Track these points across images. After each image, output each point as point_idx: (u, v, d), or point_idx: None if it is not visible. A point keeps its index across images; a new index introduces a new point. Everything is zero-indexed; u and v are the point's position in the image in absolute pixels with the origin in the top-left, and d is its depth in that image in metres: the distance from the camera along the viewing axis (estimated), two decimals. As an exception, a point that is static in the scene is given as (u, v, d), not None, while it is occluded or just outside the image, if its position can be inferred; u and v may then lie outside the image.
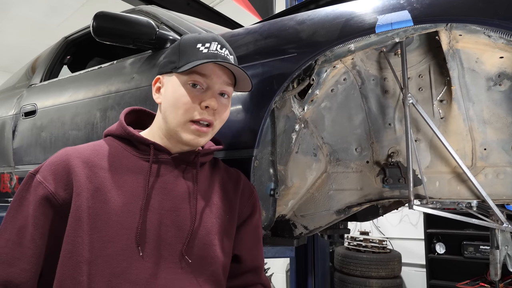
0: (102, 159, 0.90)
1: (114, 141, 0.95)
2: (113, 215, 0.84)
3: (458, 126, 1.22)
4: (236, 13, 3.73)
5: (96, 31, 1.38)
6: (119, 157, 0.92)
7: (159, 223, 0.88)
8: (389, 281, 4.04)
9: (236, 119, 1.18)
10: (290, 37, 1.19)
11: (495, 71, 1.13)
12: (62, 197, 0.84)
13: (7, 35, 6.77)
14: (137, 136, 0.93)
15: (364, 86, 1.32)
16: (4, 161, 2.20)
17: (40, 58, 2.58)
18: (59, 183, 0.85)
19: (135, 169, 0.91)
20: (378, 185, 1.37)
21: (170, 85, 0.93)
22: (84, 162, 0.88)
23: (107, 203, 0.85)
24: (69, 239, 0.82)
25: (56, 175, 0.85)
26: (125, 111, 1.01)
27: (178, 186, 0.93)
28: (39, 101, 2.07)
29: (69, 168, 0.86)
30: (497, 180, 1.21)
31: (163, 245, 0.87)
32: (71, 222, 0.83)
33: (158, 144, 0.93)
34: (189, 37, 0.95)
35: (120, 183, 0.88)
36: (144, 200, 0.87)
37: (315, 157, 1.40)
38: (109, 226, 0.83)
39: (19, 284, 0.81)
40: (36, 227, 0.83)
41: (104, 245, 0.82)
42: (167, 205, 0.90)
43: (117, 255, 0.82)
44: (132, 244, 0.84)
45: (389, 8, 1.03)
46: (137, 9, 1.93)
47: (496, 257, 1.32)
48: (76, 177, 0.85)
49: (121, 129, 0.95)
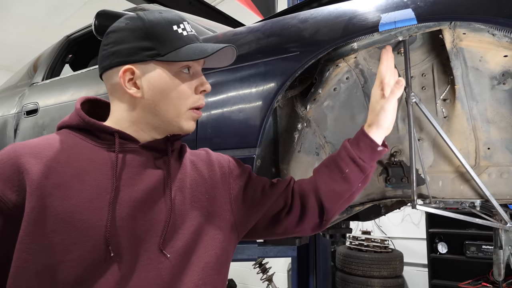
0: (58, 152, 0.78)
1: (71, 133, 0.83)
2: (76, 214, 0.73)
3: (461, 125, 1.22)
4: (238, 12, 3.73)
5: (98, 29, 1.38)
6: (78, 149, 0.80)
7: (130, 217, 0.78)
8: (391, 280, 4.04)
9: (238, 118, 1.18)
10: (292, 35, 1.18)
11: (499, 70, 1.12)
12: (11, 200, 0.72)
13: (9, 34, 6.78)
14: (99, 125, 0.82)
15: (367, 85, 1.32)
16: (6, 160, 2.21)
17: (42, 56, 2.59)
18: (7, 184, 0.72)
19: (99, 160, 0.80)
20: (381, 184, 1.37)
21: (156, 75, 0.83)
22: (36, 157, 0.75)
23: (68, 200, 0.73)
24: (23, 247, 0.70)
25: (3, 175, 0.73)
26: (80, 100, 0.89)
27: (149, 176, 0.83)
28: (41, 99, 2.08)
29: (19, 166, 0.73)
30: (501, 180, 1.21)
31: (136, 241, 0.78)
32: (24, 227, 0.71)
33: (123, 132, 0.83)
34: (155, 17, 0.84)
35: (83, 177, 0.76)
36: (112, 194, 0.76)
37: (318, 156, 1.40)
38: (72, 227, 0.72)
39: None
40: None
41: (67, 249, 0.71)
42: (138, 197, 0.80)
43: (83, 259, 0.72)
44: (100, 244, 0.73)
45: (393, 6, 1.03)
46: (139, 8, 1.93)
47: (499, 257, 1.32)
48: (28, 175, 0.73)
49: (78, 119, 0.82)
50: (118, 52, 0.83)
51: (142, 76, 0.83)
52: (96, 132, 0.82)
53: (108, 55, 0.84)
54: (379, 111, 1.00)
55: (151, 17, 0.84)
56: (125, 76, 0.83)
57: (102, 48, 0.86)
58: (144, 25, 0.83)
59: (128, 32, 0.83)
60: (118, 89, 0.85)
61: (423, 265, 4.42)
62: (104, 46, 0.86)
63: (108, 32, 0.86)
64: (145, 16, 0.84)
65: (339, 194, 1.01)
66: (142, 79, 0.83)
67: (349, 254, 4.20)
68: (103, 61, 0.86)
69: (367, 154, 1.00)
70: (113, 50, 0.83)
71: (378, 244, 4.21)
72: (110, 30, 0.86)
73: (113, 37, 0.84)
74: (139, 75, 0.83)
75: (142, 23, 0.83)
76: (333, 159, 1.04)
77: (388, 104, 0.99)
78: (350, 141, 1.04)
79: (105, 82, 0.88)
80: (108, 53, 0.84)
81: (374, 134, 1.00)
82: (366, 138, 1.00)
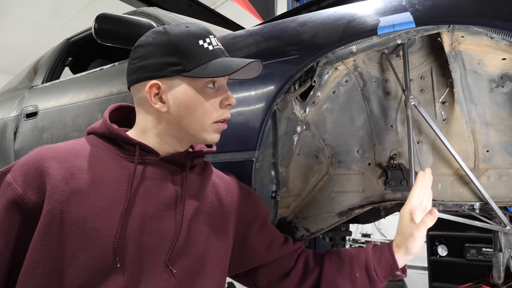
0: (81, 159, 0.80)
1: (97, 140, 0.86)
2: (89, 221, 0.75)
3: (460, 128, 1.22)
4: (238, 15, 3.74)
5: (98, 33, 1.38)
6: (101, 158, 0.82)
7: (140, 230, 0.79)
8: (391, 283, 4.04)
9: (238, 121, 1.18)
10: (291, 39, 1.18)
11: (498, 73, 1.12)
12: (32, 201, 0.75)
13: (9, 37, 6.80)
14: (122, 135, 0.84)
15: (366, 88, 1.32)
16: (6, 163, 2.21)
17: (42, 59, 2.60)
18: (29, 186, 0.75)
19: (118, 170, 0.82)
20: (380, 187, 1.37)
21: (181, 91, 0.84)
22: (60, 162, 0.78)
23: (83, 207, 0.75)
24: (35, 247, 0.73)
25: (26, 177, 0.76)
26: (110, 108, 0.92)
27: (165, 191, 0.85)
28: (40, 102, 2.08)
29: (42, 169, 0.76)
30: (500, 182, 1.21)
31: (143, 254, 0.79)
32: (39, 229, 0.73)
33: (144, 144, 0.85)
34: (182, 32, 0.85)
35: (100, 186, 0.79)
36: (125, 205, 0.78)
37: (317, 159, 1.40)
38: (83, 233, 0.74)
39: None
40: (1, 233, 0.74)
41: (75, 254, 0.73)
42: (150, 211, 0.81)
43: (89, 266, 0.74)
44: (108, 254, 0.75)
45: (391, 9, 1.03)
46: (138, 11, 1.94)
47: (499, 259, 1.32)
48: (49, 179, 0.75)
49: (104, 127, 0.86)
50: (145, 67, 0.84)
51: (167, 91, 0.84)
52: (120, 142, 0.85)
53: (136, 70, 0.86)
54: (409, 237, 0.96)
55: (177, 31, 0.85)
56: (151, 91, 0.84)
57: (130, 62, 0.88)
58: (170, 40, 0.83)
59: (154, 47, 0.84)
60: (145, 102, 0.86)
61: (423, 267, 4.41)
62: (132, 60, 0.87)
63: (135, 46, 0.88)
64: (172, 31, 0.85)
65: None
66: (168, 94, 0.84)
67: (349, 257, 4.20)
68: (131, 75, 0.88)
69: (383, 271, 0.98)
70: (140, 64, 0.85)
71: (378, 247, 4.21)
72: (138, 45, 0.87)
73: (140, 51, 0.86)
74: (165, 90, 0.84)
75: (168, 38, 0.84)
76: (351, 256, 1.02)
77: (419, 232, 0.95)
78: (374, 249, 1.02)
79: (132, 94, 0.90)
80: (136, 68, 0.86)
81: (400, 257, 0.98)
82: (390, 257, 0.98)
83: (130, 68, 0.88)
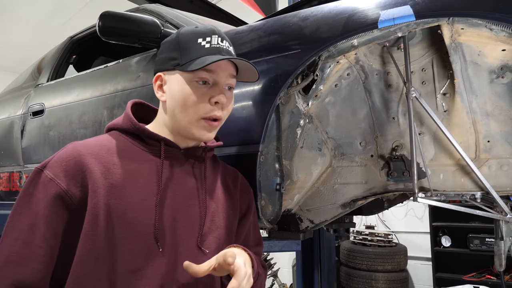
0: (112, 154, 0.87)
1: (121, 136, 0.93)
2: (129, 212, 0.83)
3: (461, 119, 1.23)
4: (239, 10, 3.74)
5: (102, 30, 1.40)
6: (129, 152, 0.90)
7: (172, 218, 0.88)
8: (395, 274, 4.06)
9: (242, 116, 1.20)
10: (293, 33, 1.20)
11: (498, 64, 1.14)
12: (75, 195, 0.81)
13: (11, 35, 6.81)
14: (148, 132, 0.92)
15: (368, 80, 1.34)
16: (14, 160, 2.24)
17: (46, 58, 2.61)
18: (72, 181, 0.81)
19: (146, 164, 0.90)
20: (383, 178, 1.39)
21: (175, 83, 0.91)
22: (96, 158, 0.85)
23: (123, 199, 0.83)
24: (87, 237, 0.80)
25: (67, 172, 0.82)
26: (130, 104, 0.99)
27: (188, 182, 0.94)
28: (46, 100, 2.10)
29: (82, 164, 0.82)
30: (501, 172, 1.23)
31: (177, 240, 0.88)
32: (88, 220, 0.80)
33: (168, 139, 0.93)
34: (187, 31, 0.92)
35: (134, 179, 0.86)
36: (158, 196, 0.87)
37: (320, 151, 1.42)
38: (125, 223, 0.82)
39: (31, 284, 0.77)
40: (48, 226, 0.79)
41: (121, 242, 0.81)
42: (179, 201, 0.90)
43: (134, 251, 0.82)
44: (150, 240, 0.83)
45: (392, 3, 1.05)
46: (141, 7, 1.95)
47: (500, 248, 1.34)
48: (90, 174, 0.82)
49: (129, 123, 0.93)
50: (157, 61, 0.96)
51: (167, 82, 0.94)
52: (144, 137, 0.93)
53: (154, 64, 0.97)
54: None
55: (185, 31, 0.93)
56: (156, 82, 0.95)
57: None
58: (177, 37, 0.93)
59: (167, 44, 0.95)
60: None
61: (427, 258, 4.43)
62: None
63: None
64: (181, 30, 0.94)
65: None
66: (167, 86, 0.93)
67: (353, 249, 4.22)
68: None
69: None
70: (156, 59, 0.97)
71: (382, 239, 4.22)
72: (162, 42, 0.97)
73: (160, 49, 0.97)
74: (165, 81, 0.94)
75: (176, 36, 0.93)
76: None
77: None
78: None
79: None
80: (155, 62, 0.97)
81: None
82: None
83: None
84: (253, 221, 1.12)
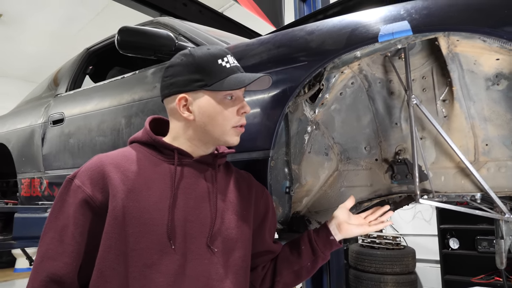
0: (131, 163, 1.00)
1: (140, 147, 1.05)
2: (145, 213, 0.94)
3: (460, 124, 1.29)
4: (246, 17, 3.82)
5: (121, 44, 1.49)
6: (146, 161, 1.01)
7: (184, 219, 0.98)
8: (403, 277, 4.09)
9: (253, 123, 1.28)
10: (300, 46, 1.28)
11: (493, 72, 1.20)
12: (99, 200, 0.94)
13: (25, 45, 6.99)
14: (163, 142, 1.04)
15: (371, 88, 1.40)
16: (35, 167, 2.34)
17: (63, 69, 2.73)
18: (96, 187, 0.94)
19: (161, 171, 1.01)
20: (387, 181, 1.44)
21: (205, 102, 1.01)
22: (116, 167, 0.97)
23: (139, 202, 0.94)
24: (108, 235, 0.92)
25: (92, 180, 0.95)
26: (149, 119, 1.11)
27: (200, 186, 1.03)
28: (66, 109, 2.21)
29: (104, 173, 0.95)
30: (499, 174, 1.28)
31: (189, 239, 0.97)
32: (109, 221, 0.92)
33: (181, 149, 1.04)
34: (203, 53, 1.03)
35: (149, 185, 0.97)
36: (171, 199, 0.97)
37: (327, 156, 1.49)
38: (142, 223, 0.93)
39: (62, 276, 0.91)
40: (76, 226, 0.93)
41: (138, 240, 0.92)
42: (191, 204, 1.00)
43: (149, 248, 0.92)
44: (163, 238, 0.93)
45: (391, 18, 1.12)
46: (155, 21, 2.05)
47: (501, 246, 1.39)
48: (111, 181, 0.94)
49: (147, 136, 1.05)
50: (175, 84, 1.03)
51: (193, 102, 1.02)
52: (160, 148, 1.04)
53: (167, 86, 1.05)
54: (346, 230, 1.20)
55: (200, 53, 1.03)
56: (180, 103, 1.03)
57: (163, 79, 1.07)
58: (195, 60, 1.02)
59: (182, 67, 1.03)
60: (175, 112, 1.05)
61: (435, 261, 4.45)
62: (164, 78, 1.06)
63: (167, 66, 1.07)
64: (195, 53, 1.03)
65: (291, 263, 1.20)
66: (194, 105, 1.02)
67: (362, 252, 4.26)
68: (164, 90, 1.06)
69: (322, 239, 1.19)
70: (171, 81, 1.04)
71: (390, 241, 4.26)
72: (169, 65, 1.06)
73: (171, 71, 1.05)
74: (191, 101, 1.02)
75: (193, 59, 1.02)
76: (297, 238, 1.24)
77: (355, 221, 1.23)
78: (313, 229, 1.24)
79: (165, 105, 1.08)
80: (167, 84, 1.05)
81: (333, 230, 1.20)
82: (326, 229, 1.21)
83: (162, 84, 1.07)
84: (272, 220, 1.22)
